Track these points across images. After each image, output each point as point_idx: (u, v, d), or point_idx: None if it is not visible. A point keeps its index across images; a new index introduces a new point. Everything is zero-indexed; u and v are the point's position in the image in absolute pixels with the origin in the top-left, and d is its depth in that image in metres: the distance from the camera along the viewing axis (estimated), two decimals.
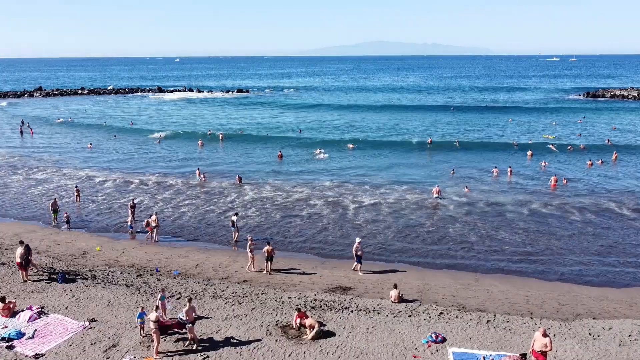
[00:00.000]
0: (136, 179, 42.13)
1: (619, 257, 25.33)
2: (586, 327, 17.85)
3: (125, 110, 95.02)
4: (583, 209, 32.62)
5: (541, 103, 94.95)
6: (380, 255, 26.02)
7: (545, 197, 35.45)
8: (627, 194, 35.80)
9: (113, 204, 35.05)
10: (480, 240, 27.69)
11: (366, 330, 17.51)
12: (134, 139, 62.66)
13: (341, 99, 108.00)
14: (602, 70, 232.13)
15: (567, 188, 37.53)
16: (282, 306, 19.54)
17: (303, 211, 32.99)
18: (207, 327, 17.76)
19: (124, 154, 52.88)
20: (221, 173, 43.71)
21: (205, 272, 23.63)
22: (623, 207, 32.95)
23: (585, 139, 57.77)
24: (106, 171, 45.05)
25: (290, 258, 25.51)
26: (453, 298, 20.67)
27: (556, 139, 57.26)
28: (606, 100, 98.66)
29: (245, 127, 69.96)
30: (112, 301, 19.86)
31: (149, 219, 28.71)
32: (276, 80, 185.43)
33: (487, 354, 15.78)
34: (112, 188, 39.44)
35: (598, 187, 37.74)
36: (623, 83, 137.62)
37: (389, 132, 65.91)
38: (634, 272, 23.56)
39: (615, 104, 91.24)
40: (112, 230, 30.29)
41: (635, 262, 24.69)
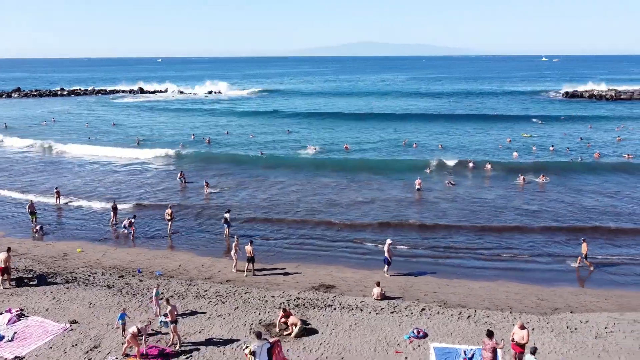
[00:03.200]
0: (116, 182, 41.78)
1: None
2: (564, 321, 18.24)
3: (107, 110, 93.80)
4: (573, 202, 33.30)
5: (519, 101, 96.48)
6: (361, 253, 26.25)
7: (526, 194, 36.10)
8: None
9: (93, 205, 34.70)
10: (462, 236, 28.09)
11: (349, 327, 17.65)
12: (114, 140, 61.83)
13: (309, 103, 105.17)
14: (584, 70, 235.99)
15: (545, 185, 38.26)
16: (266, 305, 19.60)
17: (286, 211, 33.09)
18: (190, 327, 17.74)
19: (103, 156, 52.28)
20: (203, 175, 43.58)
21: (188, 272, 23.56)
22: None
23: (569, 140, 58.36)
24: (87, 171, 44.58)
25: (273, 257, 25.57)
26: (435, 294, 20.93)
27: (535, 138, 58.12)
28: (585, 100, 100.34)
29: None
30: (94, 302, 19.71)
31: (166, 212, 29.41)
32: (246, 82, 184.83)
33: (468, 349, 16.03)
34: (93, 188, 39.03)
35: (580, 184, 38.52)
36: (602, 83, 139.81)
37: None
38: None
39: (593, 104, 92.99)
40: (94, 231, 29.95)
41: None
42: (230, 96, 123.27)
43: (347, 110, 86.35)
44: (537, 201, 34.58)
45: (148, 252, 26.43)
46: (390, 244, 23.26)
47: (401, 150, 53.00)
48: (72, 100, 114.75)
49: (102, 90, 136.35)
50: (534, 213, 32.01)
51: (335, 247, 27.05)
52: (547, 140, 56.01)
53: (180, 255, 25.95)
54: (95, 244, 27.69)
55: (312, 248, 26.92)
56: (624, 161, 45.12)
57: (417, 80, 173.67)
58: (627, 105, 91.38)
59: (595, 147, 52.07)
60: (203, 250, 26.83)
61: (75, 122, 77.84)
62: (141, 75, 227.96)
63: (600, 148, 51.26)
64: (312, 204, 34.58)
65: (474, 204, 34.07)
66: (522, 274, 23.52)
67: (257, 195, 36.83)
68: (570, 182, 39.34)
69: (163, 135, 64.07)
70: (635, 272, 23.62)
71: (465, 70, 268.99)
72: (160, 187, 39.49)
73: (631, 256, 25.39)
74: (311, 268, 24.06)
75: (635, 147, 51.98)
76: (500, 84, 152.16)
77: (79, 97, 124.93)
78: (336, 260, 25.07)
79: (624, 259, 25.05)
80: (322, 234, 28.97)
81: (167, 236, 28.93)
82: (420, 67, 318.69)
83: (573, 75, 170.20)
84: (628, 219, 30.67)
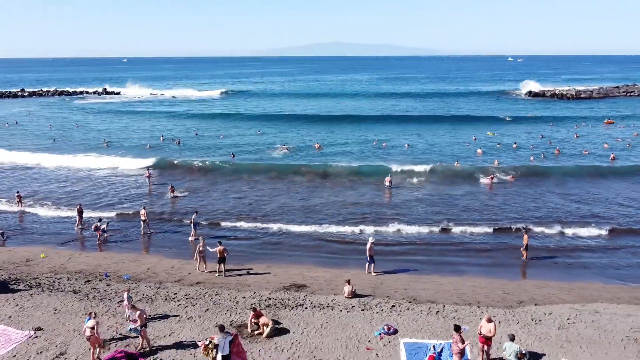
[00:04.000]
0: (82, 183, 40.80)
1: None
2: (529, 313, 18.78)
3: (70, 112, 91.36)
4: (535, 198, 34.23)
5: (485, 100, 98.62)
6: (332, 252, 26.42)
7: (483, 190, 36.97)
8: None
9: (59, 208, 33.83)
10: (431, 233, 28.60)
11: (320, 326, 17.75)
12: (79, 142, 60.30)
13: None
14: (546, 70, 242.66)
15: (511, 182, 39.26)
16: (237, 306, 19.51)
17: (258, 211, 33.00)
18: (160, 330, 17.51)
19: (71, 158, 50.89)
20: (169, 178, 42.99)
21: (157, 275, 23.24)
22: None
23: (532, 137, 59.83)
24: (53, 175, 43.39)
25: (244, 258, 25.46)
26: (405, 291, 21.24)
27: (499, 136, 59.53)
28: (547, 100, 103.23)
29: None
30: (59, 308, 19.23)
31: (141, 212, 29.26)
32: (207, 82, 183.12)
33: (437, 343, 16.33)
34: (57, 192, 38.02)
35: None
36: (563, 82, 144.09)
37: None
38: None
39: (554, 103, 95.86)
40: (58, 236, 29.19)
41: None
42: (198, 97, 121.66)
43: (317, 111, 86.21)
44: (503, 198, 35.44)
45: (115, 256, 25.94)
46: (372, 242, 23.38)
47: (372, 149, 53.47)
48: (33, 102, 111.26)
49: (65, 92, 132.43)
50: (499, 210, 32.81)
51: (307, 246, 27.16)
52: (511, 139, 57.40)
53: (148, 259, 25.56)
54: (60, 249, 27.02)
55: (283, 248, 26.94)
56: (594, 164, 45.03)
57: (385, 81, 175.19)
58: (587, 103, 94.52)
59: (555, 144, 53.75)
60: (172, 252, 26.49)
61: (38, 123, 75.61)
62: (106, 76, 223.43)
63: (561, 145, 52.90)
64: (283, 204, 34.56)
65: (441, 202, 34.69)
66: (489, 269, 24.12)
67: (226, 197, 36.60)
68: (538, 181, 39.93)
69: (130, 137, 62.86)
70: (595, 264, 24.50)
71: (432, 70, 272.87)
72: (128, 191, 38.75)
73: (592, 249, 26.34)
74: (282, 268, 24.07)
75: (593, 145, 53.78)
76: (466, 83, 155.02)
77: (41, 98, 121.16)
78: (307, 260, 25.18)
79: (585, 254, 25.94)
80: (293, 234, 29.01)
81: (135, 240, 28.47)
82: (389, 67, 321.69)
83: (536, 75, 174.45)
84: (590, 217, 31.57)
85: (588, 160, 46.71)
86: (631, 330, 17.39)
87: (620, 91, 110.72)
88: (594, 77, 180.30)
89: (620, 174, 41.29)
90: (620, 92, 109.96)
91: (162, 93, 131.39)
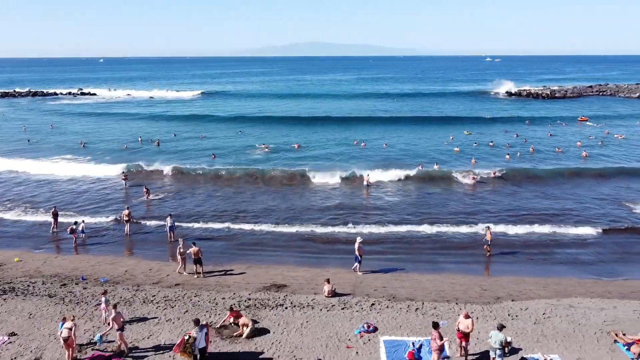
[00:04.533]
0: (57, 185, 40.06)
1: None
2: (506, 309, 19.10)
3: (45, 113, 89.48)
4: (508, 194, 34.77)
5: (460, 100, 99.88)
6: (312, 252, 26.45)
7: (461, 189, 37.46)
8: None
9: (34, 211, 33.17)
10: (410, 232, 28.83)
11: (300, 325, 17.76)
12: (55, 143, 59.14)
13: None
14: (522, 70, 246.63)
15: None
16: (216, 307, 19.39)
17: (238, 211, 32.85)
18: (139, 333, 17.30)
19: (47, 160, 49.92)
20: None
21: (135, 277, 22.95)
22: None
23: (509, 136, 60.79)
24: (27, 177, 42.49)
25: (224, 259, 25.31)
26: (384, 289, 21.38)
27: (476, 135, 60.39)
28: (523, 99, 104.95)
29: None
30: (34, 313, 18.86)
31: (123, 213, 29.31)
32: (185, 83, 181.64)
33: (416, 340, 16.50)
34: (30, 195, 37.24)
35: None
36: (539, 82, 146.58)
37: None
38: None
39: (529, 103, 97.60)
40: (33, 240, 28.59)
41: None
42: (176, 97, 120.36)
43: (297, 112, 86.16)
44: (480, 196, 35.94)
45: (92, 259, 25.54)
46: (360, 242, 23.38)
47: (351, 148, 53.66)
48: (5, 102, 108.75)
49: (40, 92, 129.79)
50: (477, 208, 33.27)
51: (287, 246, 27.15)
52: (488, 137, 58.26)
53: (126, 261, 25.23)
54: (35, 253, 26.48)
55: (263, 248, 26.87)
56: (569, 166, 44.84)
57: (364, 81, 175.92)
58: (561, 103, 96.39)
59: (530, 142, 54.75)
60: (150, 254, 26.19)
61: (11, 125, 73.92)
62: (81, 77, 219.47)
63: (535, 143, 53.87)
64: (263, 204, 34.48)
65: (420, 200, 35.03)
66: (467, 266, 24.46)
67: (205, 199, 36.36)
68: (515, 179, 40.40)
69: (107, 139, 61.81)
70: (570, 260, 25.03)
71: (411, 70, 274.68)
72: (103, 193, 38.18)
73: (567, 245, 26.91)
74: (262, 268, 24.00)
75: (566, 143, 54.94)
76: (445, 83, 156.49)
77: (14, 99, 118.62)
78: (288, 260, 25.16)
79: (560, 249, 26.49)
80: (273, 234, 28.96)
81: (112, 242, 28.10)
82: (369, 67, 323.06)
83: (513, 75, 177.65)
84: (565, 214, 32.17)
85: (562, 158, 47.83)
86: (604, 323, 17.82)
87: (593, 90, 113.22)
88: (568, 76, 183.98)
89: (594, 175, 41.60)
90: (594, 91, 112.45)
91: (139, 94, 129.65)
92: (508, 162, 46.15)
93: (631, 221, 30.37)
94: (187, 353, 14.98)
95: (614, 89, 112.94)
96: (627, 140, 56.37)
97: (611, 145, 53.62)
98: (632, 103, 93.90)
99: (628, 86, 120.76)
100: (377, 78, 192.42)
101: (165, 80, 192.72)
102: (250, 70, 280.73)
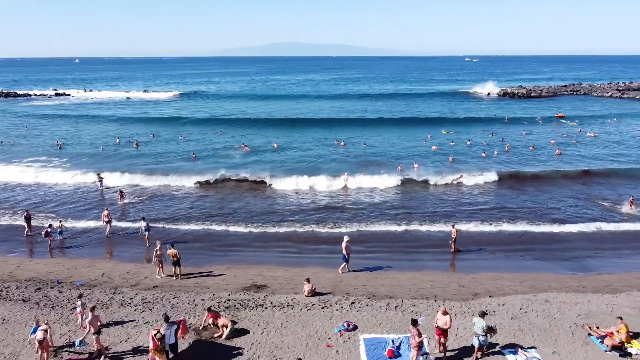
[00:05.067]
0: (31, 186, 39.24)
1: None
2: (483, 305, 19.36)
3: (18, 115, 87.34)
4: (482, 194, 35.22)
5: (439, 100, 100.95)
6: (291, 251, 26.43)
7: (440, 188, 37.87)
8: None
9: (9, 214, 32.45)
10: (390, 231, 29.01)
11: (280, 325, 17.73)
12: (31, 145, 57.80)
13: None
14: (498, 70, 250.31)
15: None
16: (195, 309, 19.24)
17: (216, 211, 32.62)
18: (116, 336, 17.06)
19: (20, 162, 48.80)
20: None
21: (113, 280, 22.61)
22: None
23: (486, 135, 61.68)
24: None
25: (203, 260, 25.12)
26: (364, 288, 21.47)
27: (454, 134, 61.19)
28: (502, 99, 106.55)
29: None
30: (8, 318, 18.44)
31: (103, 214, 28.98)
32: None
33: (396, 337, 16.61)
34: (3, 197, 36.41)
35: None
36: (515, 82, 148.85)
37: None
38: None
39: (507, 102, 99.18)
40: (5, 243, 27.94)
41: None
42: (154, 98, 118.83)
43: (277, 112, 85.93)
44: (457, 195, 36.36)
45: (68, 262, 25.08)
46: (347, 241, 23.35)
47: (331, 148, 53.74)
48: None
49: (12, 93, 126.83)
50: (456, 206, 33.67)
51: (267, 246, 27.06)
52: (466, 136, 58.98)
53: (103, 264, 24.84)
54: (8, 256, 25.89)
55: (242, 249, 26.72)
56: (547, 168, 44.59)
57: (343, 80, 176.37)
58: (537, 102, 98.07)
59: (507, 140, 55.71)
60: (128, 257, 25.85)
61: None
62: (56, 77, 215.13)
63: (511, 142, 54.78)
64: (243, 205, 34.30)
65: (399, 199, 35.27)
66: (447, 263, 24.74)
67: (183, 200, 36.00)
68: (494, 178, 40.73)
69: (84, 140, 60.62)
70: (546, 256, 25.49)
71: (390, 70, 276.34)
72: (78, 196, 37.53)
73: (543, 241, 27.43)
74: (242, 269, 23.88)
75: (541, 141, 56.04)
76: (423, 84, 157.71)
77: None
78: (267, 260, 25.08)
79: (536, 245, 27.00)
80: (252, 235, 28.84)
81: (88, 245, 27.66)
82: (348, 67, 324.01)
83: (492, 75, 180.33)
84: (541, 212, 32.77)
85: (536, 155, 48.92)
86: (578, 317, 18.21)
87: (567, 90, 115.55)
88: (543, 76, 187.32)
89: (568, 174, 42.21)
90: (568, 90, 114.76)
91: (116, 94, 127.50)
92: (484, 160, 46.84)
93: (604, 218, 31.11)
94: (159, 352, 15.03)
95: (588, 89, 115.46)
96: (598, 139, 57.54)
97: (585, 144, 54.79)
98: (604, 102, 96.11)
99: (601, 85, 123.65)
100: (356, 78, 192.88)
101: (143, 80, 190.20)
102: (230, 71, 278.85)
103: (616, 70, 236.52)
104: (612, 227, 29.55)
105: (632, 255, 25.61)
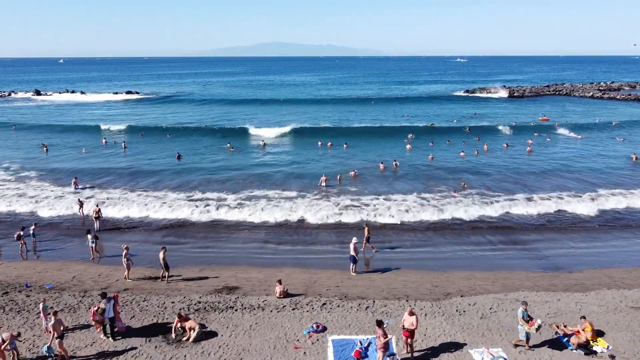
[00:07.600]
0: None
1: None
2: (454, 305, 19.39)
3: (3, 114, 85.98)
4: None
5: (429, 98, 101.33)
6: (265, 253, 26.32)
7: (421, 186, 37.97)
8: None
9: None
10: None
11: (249, 327, 17.59)
12: (15, 147, 56.81)
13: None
14: (484, 70, 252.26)
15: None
16: (164, 312, 19.00)
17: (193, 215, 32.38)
18: (81, 341, 16.80)
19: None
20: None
21: (84, 283, 22.30)
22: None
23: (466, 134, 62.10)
24: None
25: (177, 261, 24.84)
26: (337, 289, 21.41)
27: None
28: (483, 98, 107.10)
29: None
30: None
31: (93, 209, 29.47)
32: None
33: (364, 338, 16.57)
34: None
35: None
36: (500, 82, 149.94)
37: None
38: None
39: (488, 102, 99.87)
40: None
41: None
42: (140, 98, 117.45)
43: (263, 114, 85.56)
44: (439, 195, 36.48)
45: (39, 265, 24.69)
46: (355, 242, 23.16)
47: (315, 149, 53.58)
48: None
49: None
50: (433, 207, 33.73)
51: (241, 248, 26.90)
52: (446, 137, 59.25)
53: (75, 266, 24.48)
54: None
55: (216, 251, 26.52)
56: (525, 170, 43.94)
57: (332, 80, 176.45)
58: (519, 102, 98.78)
59: (483, 140, 56.15)
60: (102, 259, 25.51)
61: None
62: (39, 78, 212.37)
63: (489, 141, 55.21)
64: (219, 204, 34.03)
65: (375, 200, 35.23)
66: (421, 262, 24.75)
67: (155, 200, 35.64)
68: (473, 179, 41.42)
69: (69, 141, 59.72)
70: (518, 255, 25.66)
71: (377, 70, 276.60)
72: (52, 198, 36.96)
73: (515, 242, 27.62)
74: (215, 271, 23.69)
75: (517, 139, 56.94)
76: (409, 85, 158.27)
77: None
78: (241, 261, 24.93)
79: (510, 245, 27.17)
80: (226, 236, 28.68)
81: (60, 248, 27.27)
82: (336, 68, 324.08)
83: (478, 75, 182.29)
84: (518, 211, 32.98)
85: (509, 152, 50.14)
86: (547, 316, 18.32)
87: (550, 90, 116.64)
88: (526, 77, 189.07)
89: (540, 173, 42.53)
90: (550, 90, 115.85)
91: (102, 95, 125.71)
92: (462, 159, 47.19)
93: (575, 218, 31.42)
94: (98, 322, 16.80)
95: (570, 89, 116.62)
96: (583, 141, 57.89)
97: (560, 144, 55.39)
98: (585, 102, 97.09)
99: (583, 86, 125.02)
100: (344, 79, 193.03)
101: (129, 80, 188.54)
102: (217, 71, 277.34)
103: (599, 70, 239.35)
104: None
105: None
